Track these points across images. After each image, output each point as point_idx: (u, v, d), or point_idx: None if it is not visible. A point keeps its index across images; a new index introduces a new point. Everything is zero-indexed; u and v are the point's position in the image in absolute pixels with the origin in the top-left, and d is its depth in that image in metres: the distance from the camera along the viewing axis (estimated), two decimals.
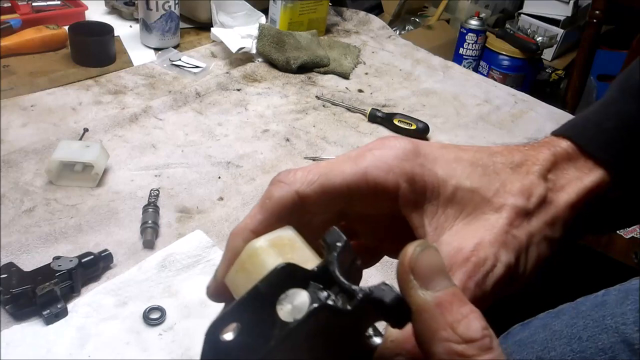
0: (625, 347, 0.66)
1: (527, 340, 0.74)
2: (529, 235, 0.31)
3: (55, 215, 0.71)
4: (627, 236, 2.01)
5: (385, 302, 0.25)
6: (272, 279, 0.26)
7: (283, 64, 1.11)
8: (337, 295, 0.26)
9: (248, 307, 0.26)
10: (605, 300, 0.72)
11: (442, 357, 0.24)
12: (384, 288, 0.25)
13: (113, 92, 0.97)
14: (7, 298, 0.57)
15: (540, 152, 0.34)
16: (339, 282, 0.26)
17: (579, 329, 0.71)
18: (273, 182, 0.32)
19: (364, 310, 0.25)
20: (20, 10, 1.09)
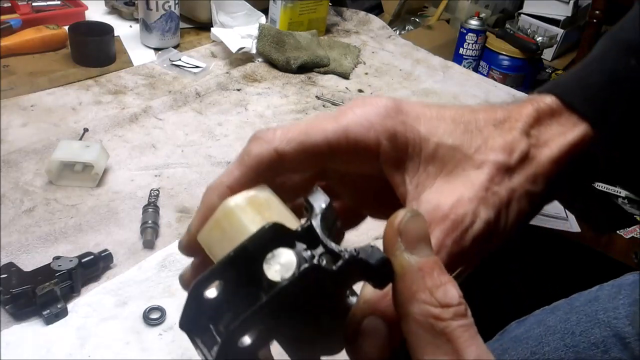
0: (617, 341, 0.67)
1: (523, 336, 0.75)
2: (510, 191, 0.31)
3: (55, 215, 0.71)
4: (627, 236, 2.01)
5: (371, 264, 0.26)
6: (259, 238, 0.26)
7: (283, 64, 1.11)
8: (321, 256, 0.26)
9: (234, 266, 0.25)
10: (598, 295, 0.73)
11: (418, 318, 0.25)
12: (369, 249, 0.26)
13: (113, 92, 0.97)
14: (7, 298, 0.57)
15: (524, 108, 0.33)
16: (323, 243, 0.26)
17: (573, 324, 0.71)
18: (252, 138, 0.31)
19: (348, 271, 0.26)
20: (20, 10, 1.09)
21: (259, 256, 0.26)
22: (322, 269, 0.26)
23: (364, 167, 0.32)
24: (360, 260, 0.26)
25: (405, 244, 0.27)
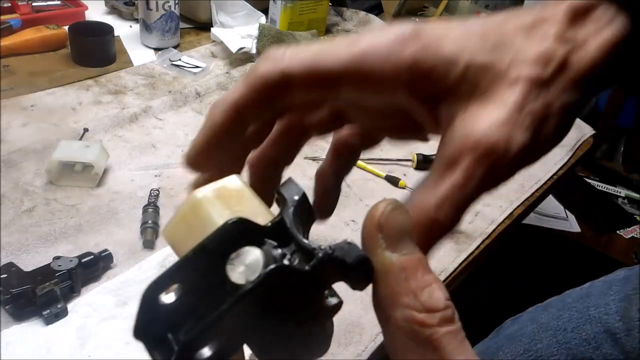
0: (608, 337, 0.67)
1: (516, 333, 0.75)
2: (546, 106, 0.27)
3: (55, 215, 0.71)
4: (627, 236, 2.02)
5: (347, 262, 0.23)
6: (221, 235, 0.23)
7: None
8: (293, 254, 0.24)
9: (193, 267, 0.23)
10: (590, 291, 0.73)
11: (401, 324, 0.23)
12: (346, 246, 0.24)
13: (113, 92, 0.97)
14: (7, 298, 0.57)
15: (557, 8, 0.29)
16: (296, 240, 0.24)
17: (565, 320, 0.72)
18: (261, 57, 0.29)
19: (323, 270, 0.23)
20: (20, 10, 1.09)
21: (223, 256, 0.23)
22: (291, 269, 0.23)
23: (380, 97, 0.29)
24: (335, 259, 0.23)
25: (387, 241, 0.24)
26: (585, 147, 1.07)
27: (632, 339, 0.66)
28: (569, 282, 0.81)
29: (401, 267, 0.24)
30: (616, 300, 0.69)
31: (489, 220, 0.83)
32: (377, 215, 0.24)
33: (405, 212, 0.25)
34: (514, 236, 0.90)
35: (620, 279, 0.72)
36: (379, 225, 0.24)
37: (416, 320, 0.23)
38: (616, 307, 0.68)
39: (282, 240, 0.24)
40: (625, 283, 0.70)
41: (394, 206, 0.24)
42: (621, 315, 0.67)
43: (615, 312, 0.68)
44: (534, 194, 0.91)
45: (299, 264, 0.24)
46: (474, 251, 0.77)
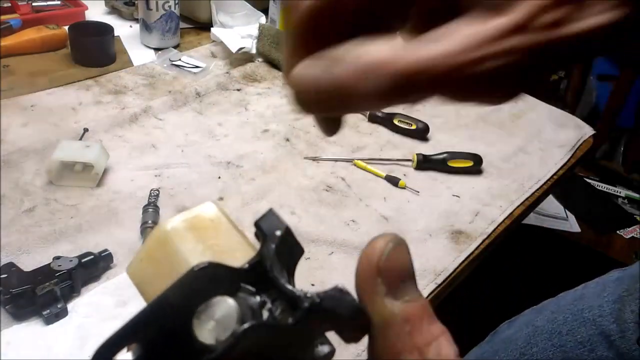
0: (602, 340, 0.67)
1: (512, 337, 0.75)
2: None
3: (55, 215, 0.71)
4: (627, 236, 2.01)
5: (339, 314, 0.20)
6: (187, 284, 0.20)
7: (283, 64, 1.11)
8: (274, 301, 0.21)
9: (153, 322, 0.20)
10: (583, 293, 0.74)
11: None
12: (338, 295, 0.20)
13: (113, 92, 0.97)
14: (7, 298, 0.57)
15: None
16: (277, 285, 0.21)
17: (559, 323, 0.72)
18: None
19: (310, 322, 0.20)
20: (20, 10, 1.09)
21: (188, 308, 0.20)
22: (269, 325, 0.20)
23: None
24: (324, 310, 0.20)
25: (387, 286, 0.21)
26: (585, 147, 1.07)
27: (626, 340, 0.66)
28: (569, 282, 0.81)
29: (404, 319, 0.21)
30: (610, 302, 0.69)
31: (489, 220, 0.83)
32: (375, 257, 0.21)
33: (406, 249, 0.22)
34: (514, 236, 0.90)
35: (613, 280, 0.72)
36: (378, 269, 0.21)
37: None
38: (610, 309, 0.68)
39: (262, 285, 0.21)
40: (618, 285, 0.71)
41: (395, 243, 0.22)
42: (615, 317, 0.67)
43: (609, 314, 0.68)
44: (534, 194, 0.91)
45: (282, 314, 0.20)
46: (474, 251, 0.77)
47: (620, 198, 2.19)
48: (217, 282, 0.20)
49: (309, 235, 0.73)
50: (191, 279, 0.20)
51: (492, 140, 1.02)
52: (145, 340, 0.20)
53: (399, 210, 0.82)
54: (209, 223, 0.24)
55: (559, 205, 2.08)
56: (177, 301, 0.20)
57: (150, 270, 0.23)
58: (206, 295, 0.20)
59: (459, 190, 0.88)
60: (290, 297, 0.20)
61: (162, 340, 0.20)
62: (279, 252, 0.22)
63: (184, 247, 0.22)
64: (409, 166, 0.91)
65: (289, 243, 0.23)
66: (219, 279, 0.20)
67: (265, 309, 0.20)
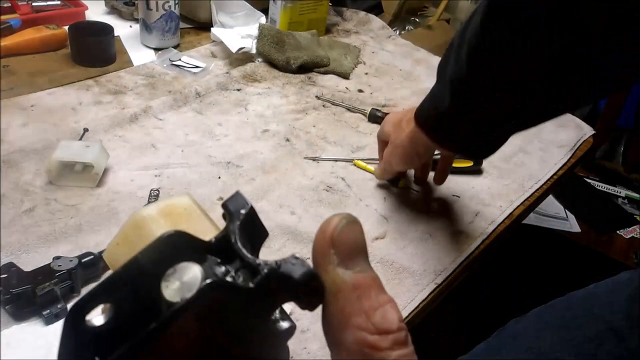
0: (612, 335, 0.67)
1: (519, 332, 0.75)
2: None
3: (55, 215, 0.71)
4: (627, 236, 2.01)
5: (294, 279, 0.21)
6: (156, 249, 0.21)
7: (283, 64, 1.11)
8: (237, 271, 0.22)
9: (124, 284, 0.21)
10: (594, 292, 0.74)
11: (351, 347, 0.22)
12: (294, 262, 0.22)
13: (113, 92, 0.97)
14: (7, 298, 0.57)
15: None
16: (240, 255, 0.22)
17: (568, 319, 0.72)
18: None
19: (269, 288, 0.22)
20: (20, 10, 1.09)
21: (157, 272, 0.21)
22: (229, 285, 0.21)
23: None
24: (281, 276, 0.21)
25: (339, 257, 0.23)
26: (585, 147, 1.07)
27: (636, 336, 0.66)
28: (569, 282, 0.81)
29: (354, 286, 0.22)
30: (621, 300, 0.69)
31: (489, 220, 0.83)
32: (329, 230, 0.23)
33: (359, 227, 0.24)
34: (514, 236, 0.90)
35: (625, 281, 0.72)
36: (332, 241, 0.23)
37: (368, 342, 0.21)
38: (620, 306, 0.68)
39: (227, 257, 0.22)
40: (629, 284, 0.71)
41: (348, 220, 0.23)
42: (625, 314, 0.67)
43: (620, 310, 0.68)
44: (534, 194, 0.91)
45: (244, 281, 0.22)
46: (474, 251, 0.77)
47: (620, 198, 2.19)
48: (184, 250, 0.22)
49: (309, 235, 0.73)
50: (160, 244, 0.21)
51: None
52: (117, 300, 0.21)
53: (399, 210, 0.82)
54: (182, 211, 0.25)
55: (559, 205, 2.08)
56: (147, 264, 0.21)
57: (126, 252, 0.24)
58: (174, 260, 0.21)
59: (459, 190, 0.88)
60: (251, 266, 0.22)
61: (132, 301, 0.21)
62: (243, 228, 0.23)
63: (157, 230, 0.23)
64: None
65: (254, 222, 0.24)
66: (186, 246, 0.22)
67: (229, 276, 0.22)
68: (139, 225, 0.24)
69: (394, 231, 0.78)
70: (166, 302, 0.21)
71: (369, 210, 0.81)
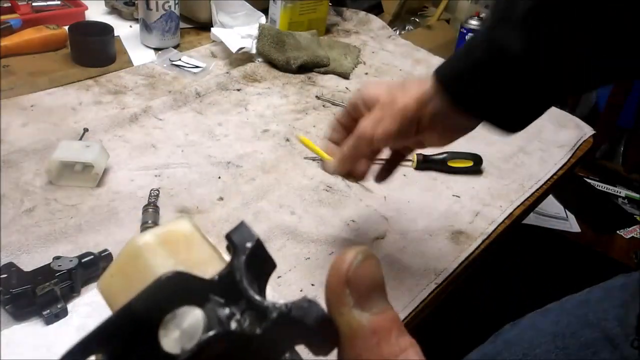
0: (607, 343, 0.67)
1: (515, 339, 0.75)
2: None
3: (55, 215, 0.71)
4: (627, 236, 2.01)
5: (306, 324, 0.20)
6: (153, 292, 0.19)
7: (283, 64, 1.11)
8: (244, 313, 0.20)
9: (118, 332, 0.19)
10: (588, 298, 0.74)
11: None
12: (306, 305, 0.20)
13: (113, 92, 0.97)
14: (7, 298, 0.57)
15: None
16: (247, 296, 0.21)
17: (563, 326, 0.72)
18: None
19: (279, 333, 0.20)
20: (20, 10, 1.09)
21: (155, 319, 0.19)
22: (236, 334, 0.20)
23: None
24: (292, 320, 0.20)
25: (355, 297, 0.21)
26: (585, 147, 1.07)
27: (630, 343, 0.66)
28: (569, 282, 0.81)
29: (372, 330, 0.20)
30: (615, 306, 0.69)
31: (489, 220, 0.83)
32: (344, 268, 0.21)
33: (376, 262, 0.22)
34: (514, 236, 0.90)
35: (618, 286, 0.72)
36: (347, 280, 0.21)
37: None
38: (615, 313, 0.68)
39: (232, 296, 0.21)
40: (623, 290, 0.71)
41: (365, 255, 0.21)
42: (619, 321, 0.67)
43: (614, 317, 0.68)
44: (534, 194, 0.91)
45: (250, 325, 0.20)
46: (474, 251, 0.77)
47: (620, 198, 2.19)
48: (184, 292, 0.20)
49: (309, 235, 0.73)
50: (158, 287, 0.19)
51: (492, 140, 1.02)
52: (110, 349, 0.19)
53: (399, 210, 0.82)
54: (181, 237, 0.23)
55: (559, 205, 2.08)
56: (143, 310, 0.19)
57: (121, 284, 0.22)
58: (173, 304, 0.20)
59: (459, 190, 0.88)
60: (259, 307, 0.20)
61: (127, 350, 0.19)
62: (249, 264, 0.21)
63: (154, 261, 0.22)
64: (409, 166, 0.91)
65: (260, 256, 0.22)
66: (186, 288, 0.20)
67: (234, 320, 0.20)
68: (135, 255, 0.22)
69: (394, 231, 0.78)
70: (164, 354, 0.19)
71: (369, 210, 0.81)
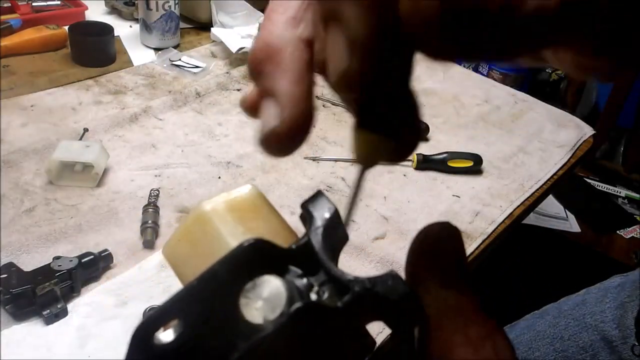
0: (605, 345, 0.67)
1: (513, 342, 0.75)
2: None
3: (55, 215, 0.71)
4: (627, 236, 2.01)
5: (390, 299, 0.19)
6: (236, 260, 0.19)
7: None
8: (322, 286, 0.20)
9: (198, 299, 0.19)
10: (585, 299, 0.74)
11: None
12: (390, 280, 0.19)
13: (113, 92, 0.97)
14: (7, 298, 0.57)
15: None
16: (326, 268, 0.20)
17: (561, 328, 0.72)
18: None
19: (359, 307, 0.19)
20: (20, 10, 1.09)
21: (235, 286, 0.19)
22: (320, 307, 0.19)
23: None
24: (375, 295, 0.19)
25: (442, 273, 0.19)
26: (585, 147, 1.07)
27: (628, 346, 0.66)
28: (569, 282, 0.81)
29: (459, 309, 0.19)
30: (612, 308, 0.69)
31: (489, 220, 0.83)
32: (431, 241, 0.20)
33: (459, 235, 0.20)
34: (514, 236, 0.90)
35: (615, 287, 0.72)
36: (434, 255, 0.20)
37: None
38: (612, 314, 0.68)
39: (308, 267, 0.20)
40: (620, 291, 0.71)
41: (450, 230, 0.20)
42: (617, 323, 0.67)
43: (611, 319, 0.68)
44: (534, 194, 0.91)
45: (329, 298, 0.19)
46: (474, 251, 0.77)
47: (620, 198, 2.19)
48: (265, 261, 0.19)
49: None
50: (240, 254, 0.19)
51: (492, 140, 1.02)
52: (188, 317, 0.19)
53: (399, 210, 0.82)
54: (249, 205, 0.23)
55: (559, 205, 2.08)
56: (224, 277, 0.19)
57: (187, 250, 0.22)
58: (253, 272, 0.19)
59: (459, 190, 0.88)
60: (339, 280, 0.19)
61: (205, 318, 0.19)
62: (326, 235, 0.21)
63: (223, 228, 0.21)
64: (409, 166, 0.91)
65: (336, 227, 0.22)
66: (266, 257, 0.20)
67: (313, 292, 0.19)
68: (203, 221, 0.22)
69: (394, 231, 0.78)
70: (246, 323, 0.19)
71: (369, 210, 0.81)
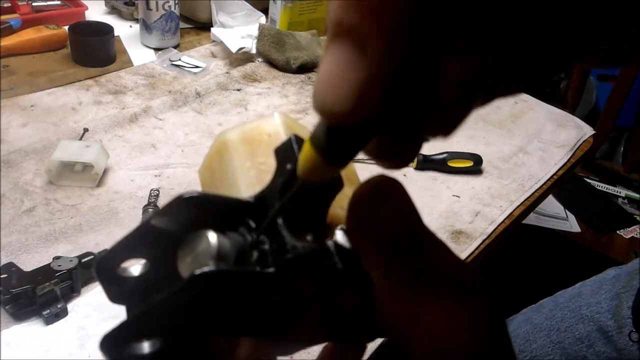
0: (600, 336, 0.68)
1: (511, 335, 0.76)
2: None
3: (55, 215, 0.71)
4: (627, 236, 2.02)
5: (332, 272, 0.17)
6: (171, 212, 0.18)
7: (283, 64, 1.11)
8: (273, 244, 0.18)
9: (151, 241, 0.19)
10: (581, 291, 0.74)
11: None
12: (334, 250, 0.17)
13: (113, 92, 0.97)
14: (7, 298, 0.57)
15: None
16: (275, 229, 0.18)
17: (558, 320, 0.72)
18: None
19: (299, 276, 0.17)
20: (20, 10, 1.09)
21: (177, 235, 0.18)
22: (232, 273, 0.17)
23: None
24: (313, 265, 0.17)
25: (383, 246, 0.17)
26: (585, 147, 1.07)
27: (624, 336, 0.66)
28: (569, 282, 0.81)
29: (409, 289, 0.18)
30: (607, 299, 0.70)
31: (489, 220, 0.83)
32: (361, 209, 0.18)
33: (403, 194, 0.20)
34: (514, 236, 0.90)
35: (610, 278, 0.73)
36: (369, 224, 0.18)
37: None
38: (607, 305, 0.69)
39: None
40: (615, 282, 0.71)
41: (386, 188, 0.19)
42: (612, 313, 0.68)
43: (607, 310, 0.69)
44: (534, 194, 0.91)
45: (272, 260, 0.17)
46: (474, 251, 0.77)
47: (620, 198, 2.19)
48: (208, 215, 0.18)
49: None
50: (177, 207, 0.18)
51: (492, 140, 1.02)
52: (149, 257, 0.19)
53: None
54: (265, 138, 0.22)
55: (559, 205, 2.08)
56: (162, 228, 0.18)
57: (208, 177, 0.23)
58: (195, 226, 0.18)
59: (459, 190, 0.88)
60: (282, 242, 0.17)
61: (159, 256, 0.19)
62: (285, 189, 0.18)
63: (233, 161, 0.21)
64: (409, 166, 0.91)
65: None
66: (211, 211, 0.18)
67: (259, 249, 0.17)
68: (221, 150, 0.22)
69: None
70: (176, 275, 0.18)
71: None
